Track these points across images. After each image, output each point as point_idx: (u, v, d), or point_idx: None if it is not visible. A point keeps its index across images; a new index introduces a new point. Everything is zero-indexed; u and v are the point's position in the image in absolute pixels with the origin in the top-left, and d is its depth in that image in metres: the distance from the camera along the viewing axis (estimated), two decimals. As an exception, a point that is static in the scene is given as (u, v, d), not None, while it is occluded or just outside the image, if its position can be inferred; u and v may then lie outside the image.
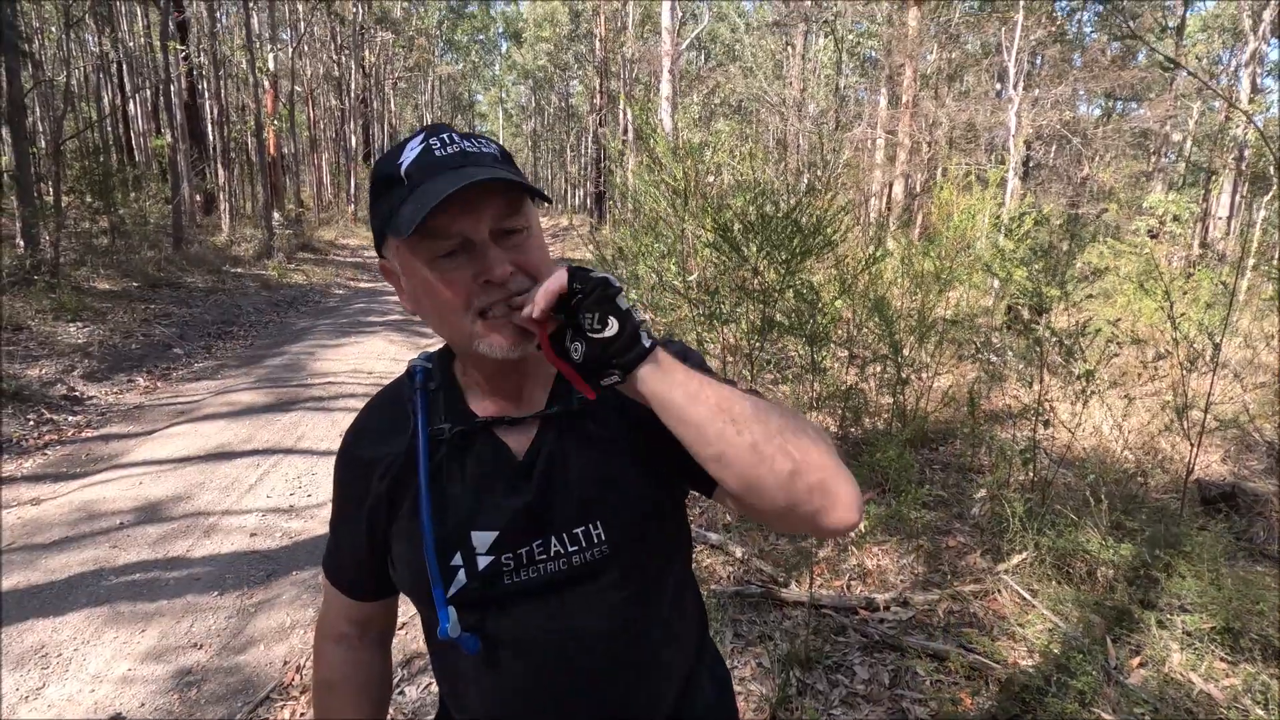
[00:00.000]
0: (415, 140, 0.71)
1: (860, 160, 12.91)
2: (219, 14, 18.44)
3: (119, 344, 6.45)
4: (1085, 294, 3.54)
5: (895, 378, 4.06)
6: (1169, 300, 3.19)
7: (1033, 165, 14.54)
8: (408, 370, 0.84)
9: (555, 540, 0.75)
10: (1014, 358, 4.49)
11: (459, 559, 0.75)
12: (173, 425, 4.63)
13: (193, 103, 14.40)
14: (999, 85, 15.25)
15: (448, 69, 36.01)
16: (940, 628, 2.49)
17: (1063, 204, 11.54)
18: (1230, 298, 3.98)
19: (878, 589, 2.76)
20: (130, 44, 17.73)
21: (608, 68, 20.58)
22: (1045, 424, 3.37)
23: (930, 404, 4.41)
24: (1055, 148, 13.99)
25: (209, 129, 16.01)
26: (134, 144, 18.80)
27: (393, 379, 0.87)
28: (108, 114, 17.80)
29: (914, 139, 11.43)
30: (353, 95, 24.05)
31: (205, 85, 17.05)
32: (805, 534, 1.92)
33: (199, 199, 15.05)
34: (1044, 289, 3.34)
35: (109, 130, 17.60)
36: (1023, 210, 5.81)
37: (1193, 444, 3.07)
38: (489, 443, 0.78)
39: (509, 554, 0.75)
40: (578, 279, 0.64)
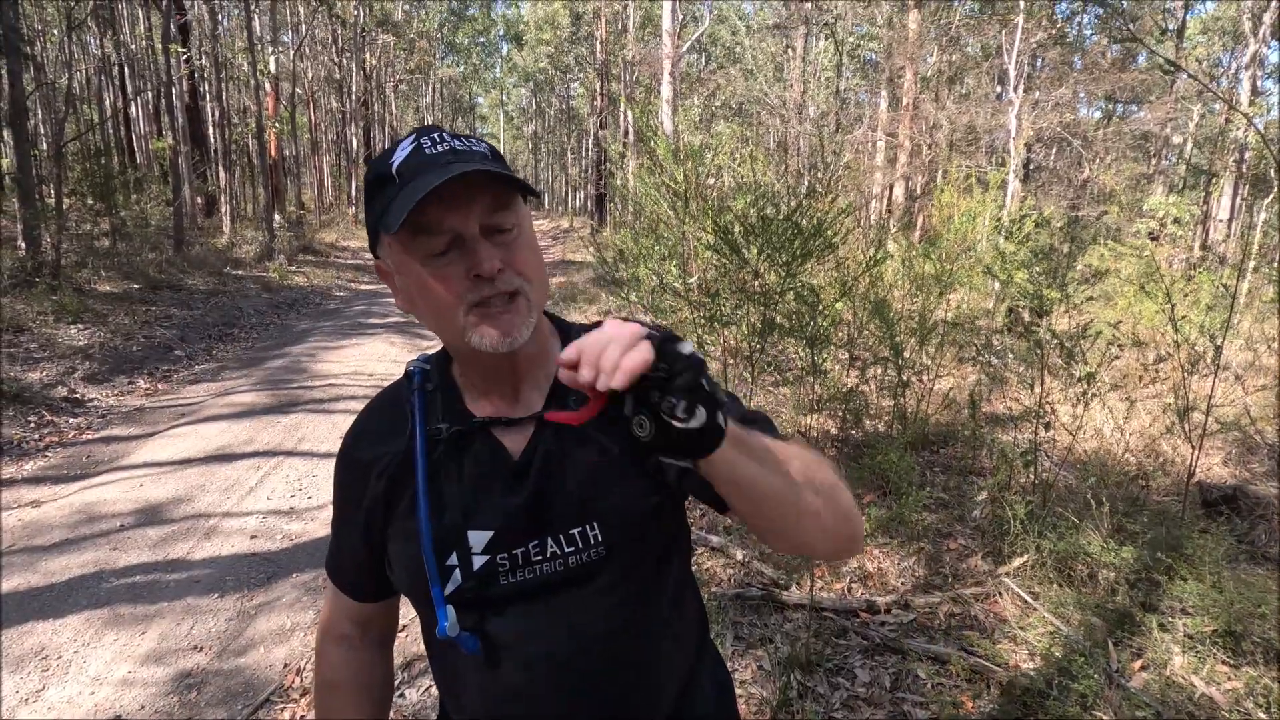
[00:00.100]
0: (407, 141, 0.72)
1: (860, 162, 12.92)
2: (220, 17, 18.49)
3: (120, 346, 6.45)
4: (1086, 296, 3.53)
5: (896, 380, 4.06)
6: (1170, 302, 3.19)
7: (1033, 168, 14.55)
8: (406, 372, 0.84)
9: (552, 541, 0.75)
10: (1015, 360, 4.49)
11: (455, 558, 0.75)
12: (173, 427, 4.63)
13: (194, 105, 14.44)
14: (999, 88, 15.26)
15: (449, 71, 36.06)
16: (941, 630, 2.49)
17: (1063, 206, 11.55)
18: (1231, 300, 3.97)
19: (879, 592, 2.75)
20: (132, 46, 17.76)
21: (608, 70, 20.61)
22: (1046, 426, 3.37)
23: (931, 406, 4.41)
24: (1056, 150, 14.00)
25: (210, 131, 16.04)
26: (135, 146, 18.84)
27: (392, 381, 0.87)
28: (109, 116, 17.83)
29: (914, 141, 11.43)
30: (354, 98, 24.09)
31: (207, 88, 17.11)
32: None
33: (200, 201, 15.08)
34: (1045, 291, 3.34)
35: (110, 132, 17.62)
36: (1023, 212, 5.82)
37: (1194, 447, 3.07)
38: (486, 443, 0.78)
39: (504, 554, 0.75)
40: (666, 356, 0.53)
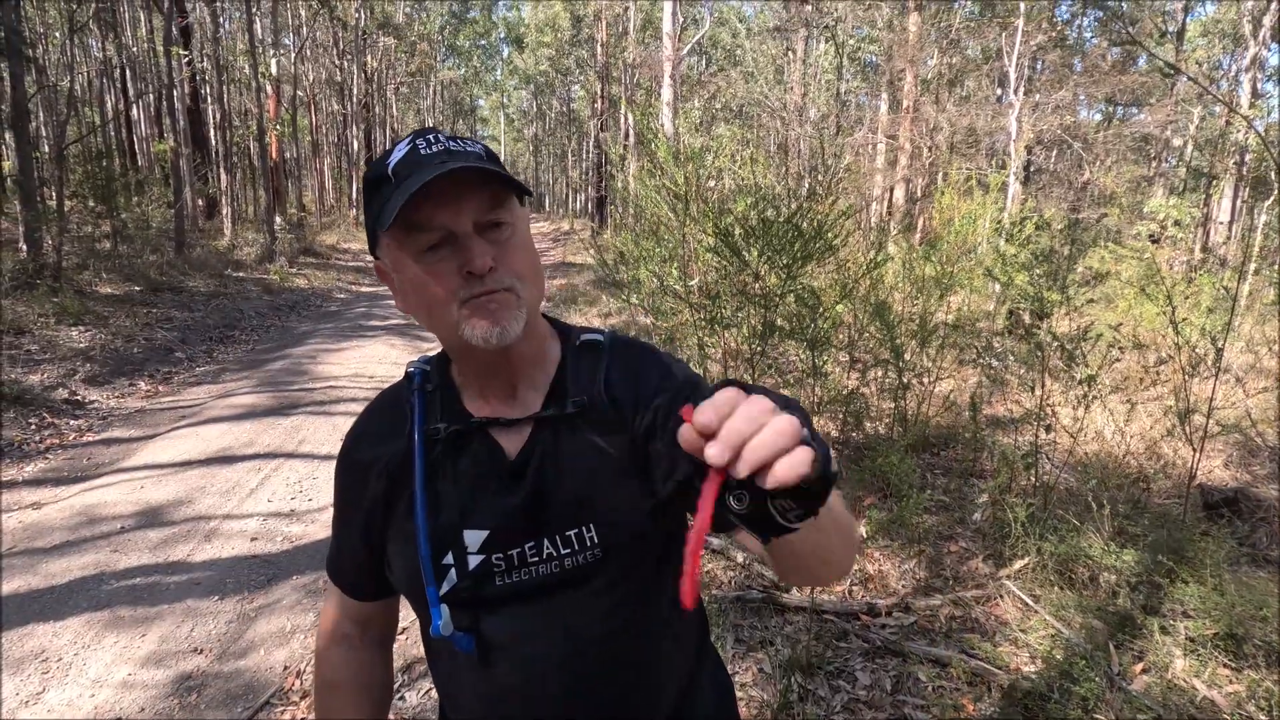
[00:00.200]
0: (404, 143, 0.73)
1: (861, 165, 12.93)
2: (222, 19, 18.54)
3: (121, 348, 6.46)
4: (1087, 299, 3.53)
5: (897, 382, 4.05)
6: (1171, 305, 3.19)
7: (1033, 170, 14.56)
8: (406, 373, 0.84)
9: (548, 542, 0.75)
10: (1015, 363, 4.48)
11: (451, 557, 0.76)
12: (174, 429, 4.63)
13: (195, 108, 14.47)
14: (999, 90, 15.26)
15: (449, 74, 36.13)
16: (942, 633, 2.49)
17: (1064, 208, 11.55)
18: (1232, 302, 3.97)
19: (879, 594, 2.75)
20: (134, 49, 17.82)
21: (609, 73, 20.64)
22: (1047, 429, 3.37)
23: (932, 409, 4.40)
24: (1056, 152, 14.01)
25: (212, 134, 16.06)
26: (137, 149, 18.89)
27: (392, 383, 0.87)
28: (111, 119, 17.88)
29: (915, 144, 11.45)
30: (355, 100, 24.12)
31: (208, 90, 17.13)
32: None
33: (201, 203, 15.10)
34: (1045, 294, 3.34)
35: (112, 135, 17.67)
36: (1024, 215, 5.82)
37: (1195, 449, 3.07)
38: (484, 443, 0.78)
39: (500, 554, 0.75)
40: (821, 475, 0.46)
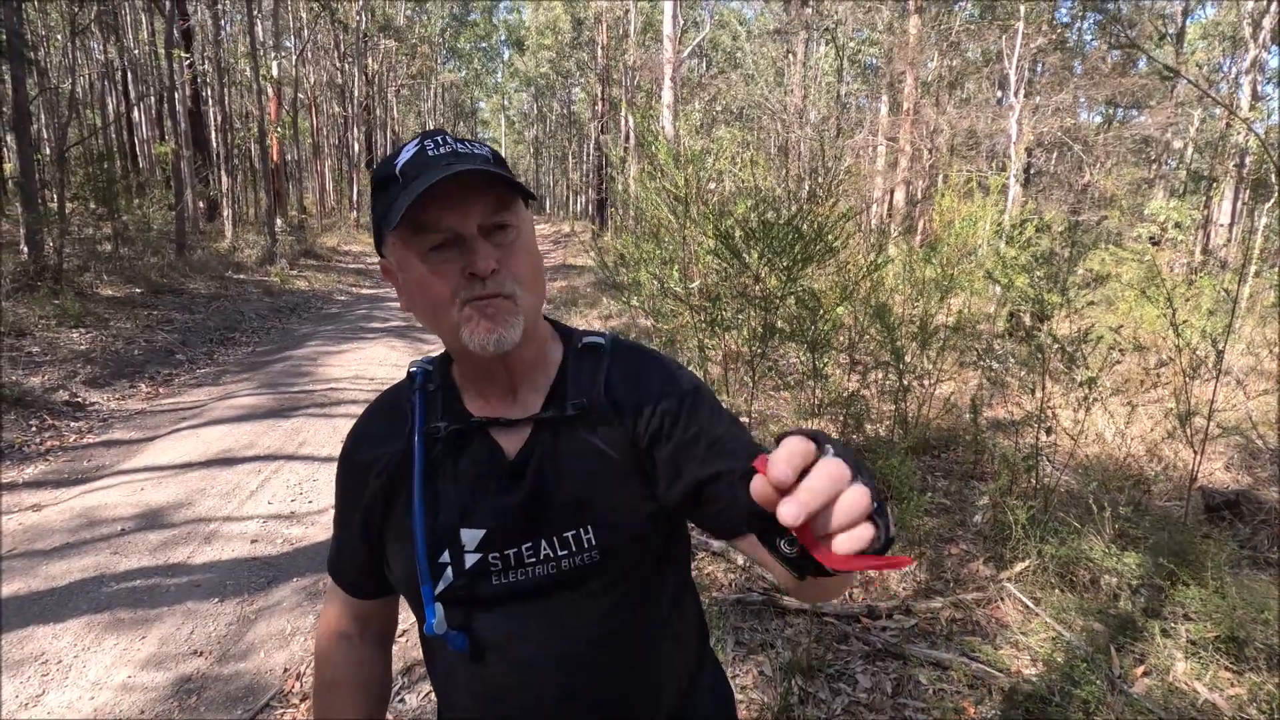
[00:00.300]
0: (412, 143, 0.73)
1: (861, 167, 12.94)
2: (223, 22, 18.56)
3: (121, 350, 6.46)
4: (1087, 301, 3.54)
5: (897, 385, 4.05)
6: (1171, 307, 3.19)
7: (1034, 172, 14.56)
8: (408, 372, 0.85)
9: (545, 543, 0.75)
10: (1016, 365, 4.48)
11: (447, 556, 0.76)
12: (175, 431, 4.63)
13: (197, 110, 14.49)
14: (1000, 92, 15.27)
15: (450, 76, 36.15)
16: (943, 636, 2.48)
17: (1064, 211, 11.55)
18: (1232, 304, 3.97)
19: (880, 597, 2.75)
20: (135, 51, 17.84)
21: (609, 75, 20.67)
22: (1048, 431, 3.37)
23: (932, 411, 4.40)
24: (1056, 155, 14.01)
25: (213, 136, 16.09)
26: (138, 151, 18.92)
27: (393, 384, 0.88)
28: (112, 121, 17.91)
29: (915, 146, 11.46)
30: (356, 102, 24.15)
31: (209, 92, 17.16)
32: None
33: (202, 205, 15.10)
34: (1046, 296, 3.34)
35: (113, 137, 17.70)
36: (1024, 217, 5.82)
37: (1196, 451, 3.07)
38: (484, 443, 0.78)
39: (496, 554, 0.75)
40: (878, 533, 0.44)
